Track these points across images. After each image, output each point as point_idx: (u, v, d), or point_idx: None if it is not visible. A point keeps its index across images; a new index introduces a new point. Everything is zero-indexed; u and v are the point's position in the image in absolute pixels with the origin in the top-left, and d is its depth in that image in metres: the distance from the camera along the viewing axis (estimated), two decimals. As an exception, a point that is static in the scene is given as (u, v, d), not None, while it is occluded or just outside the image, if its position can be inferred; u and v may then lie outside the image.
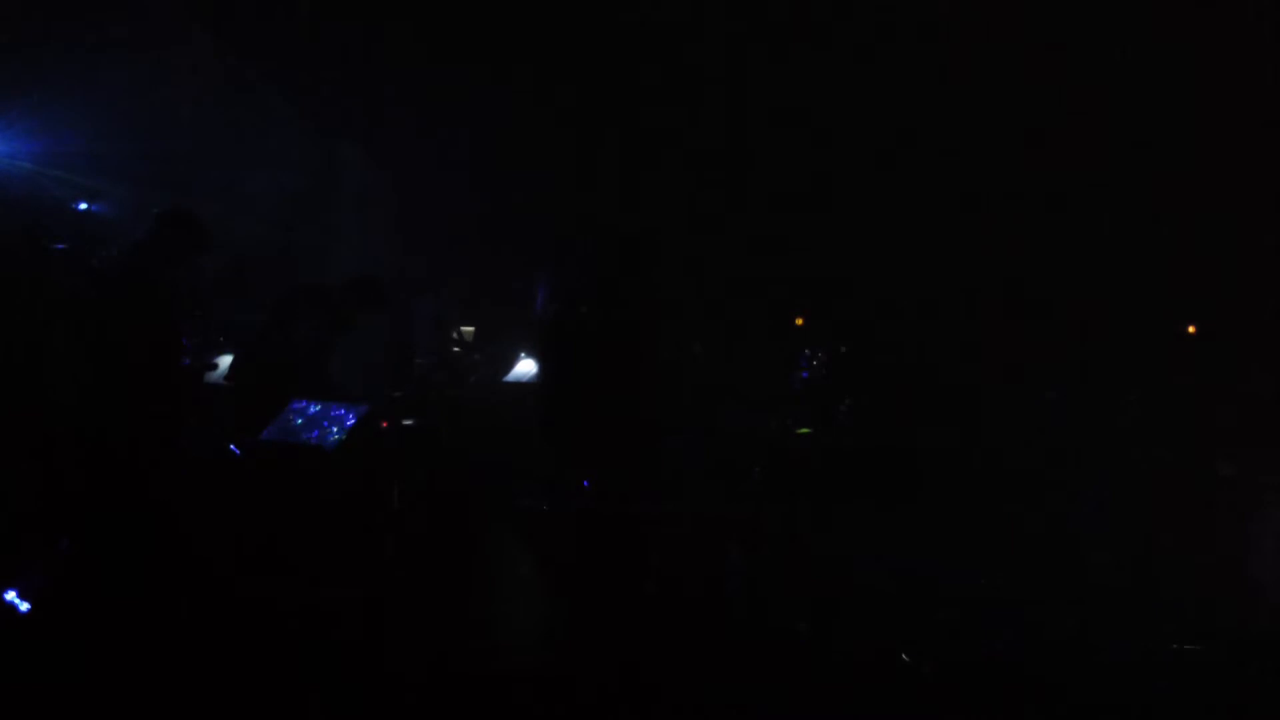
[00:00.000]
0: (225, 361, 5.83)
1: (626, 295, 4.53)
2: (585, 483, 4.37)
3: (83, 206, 5.92)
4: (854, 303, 8.44)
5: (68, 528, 4.96)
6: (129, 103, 6.80)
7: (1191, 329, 7.97)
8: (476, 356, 7.66)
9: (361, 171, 9.63)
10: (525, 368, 7.24)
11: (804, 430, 4.34)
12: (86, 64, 6.60)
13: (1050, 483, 6.94)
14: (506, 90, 7.82)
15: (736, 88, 7.90)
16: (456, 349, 7.81)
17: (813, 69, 7.49)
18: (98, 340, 4.47)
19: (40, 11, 6.55)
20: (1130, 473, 6.95)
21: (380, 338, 9.22)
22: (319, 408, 4.88)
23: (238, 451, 5.10)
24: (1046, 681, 4.33)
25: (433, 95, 7.86)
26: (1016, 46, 6.80)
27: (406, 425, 5.79)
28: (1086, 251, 8.08)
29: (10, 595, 4.74)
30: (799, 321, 8.81)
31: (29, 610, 4.71)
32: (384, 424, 5.52)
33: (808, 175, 8.56)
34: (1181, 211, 7.60)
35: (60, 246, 5.87)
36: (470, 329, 8.17)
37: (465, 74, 7.56)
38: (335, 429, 4.72)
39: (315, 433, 4.73)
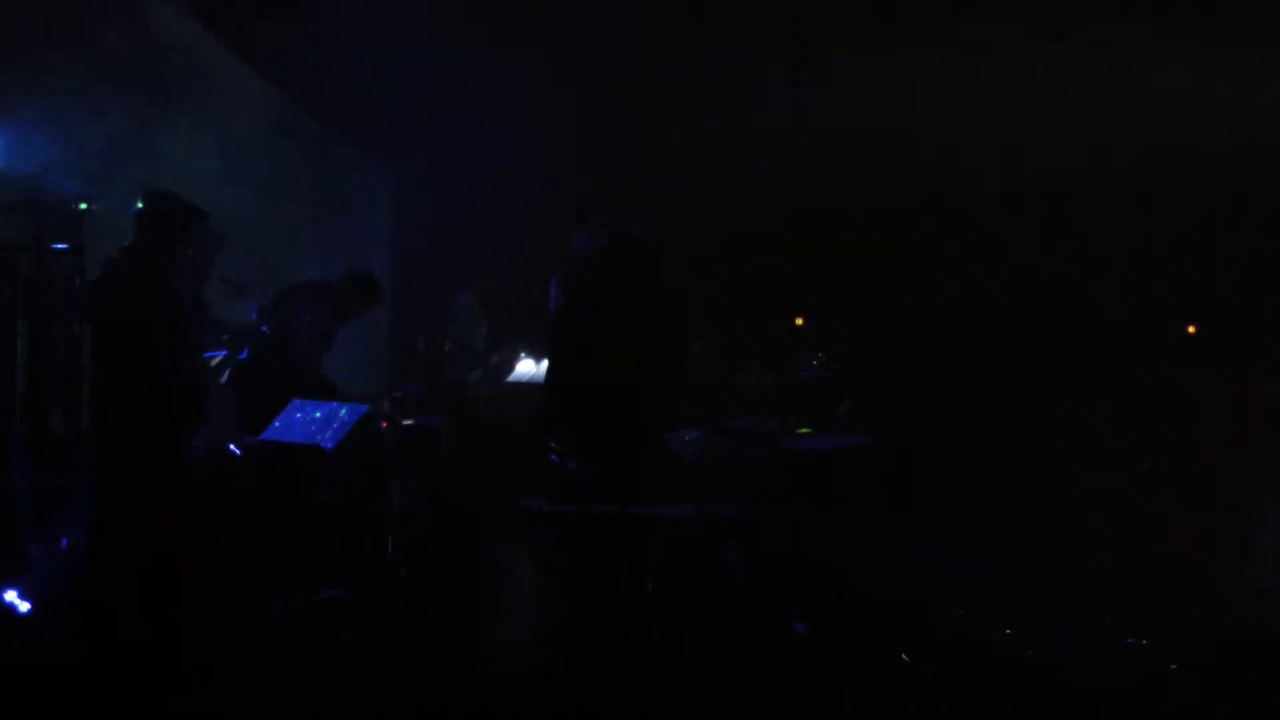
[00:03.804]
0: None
1: (630, 296, 4.53)
2: (571, 467, 4.35)
3: (83, 206, 5.90)
4: (854, 303, 8.44)
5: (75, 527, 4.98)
6: (131, 101, 6.81)
7: (1191, 329, 7.97)
8: (495, 359, 7.63)
9: (364, 170, 9.64)
10: (526, 368, 7.25)
11: (804, 430, 4.34)
12: (89, 62, 6.60)
13: (1051, 483, 6.95)
14: (507, 90, 7.82)
15: (738, 86, 7.90)
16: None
17: (812, 68, 7.49)
18: (108, 339, 4.39)
19: (42, 11, 6.55)
20: (1130, 473, 6.96)
21: (382, 338, 9.24)
22: (319, 408, 4.87)
23: (238, 452, 5.10)
24: (1047, 682, 4.33)
25: (434, 94, 7.85)
26: (1012, 43, 6.80)
27: (406, 425, 5.79)
28: (1086, 251, 8.08)
29: (10, 595, 4.75)
30: (799, 321, 8.81)
31: (29, 610, 4.72)
32: (384, 424, 5.51)
33: (808, 174, 8.56)
34: (1181, 210, 7.60)
35: (61, 246, 5.87)
36: (482, 331, 8.14)
37: (467, 71, 7.56)
38: (335, 429, 4.71)
39: (315, 433, 4.72)
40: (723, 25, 7.07)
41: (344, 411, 4.79)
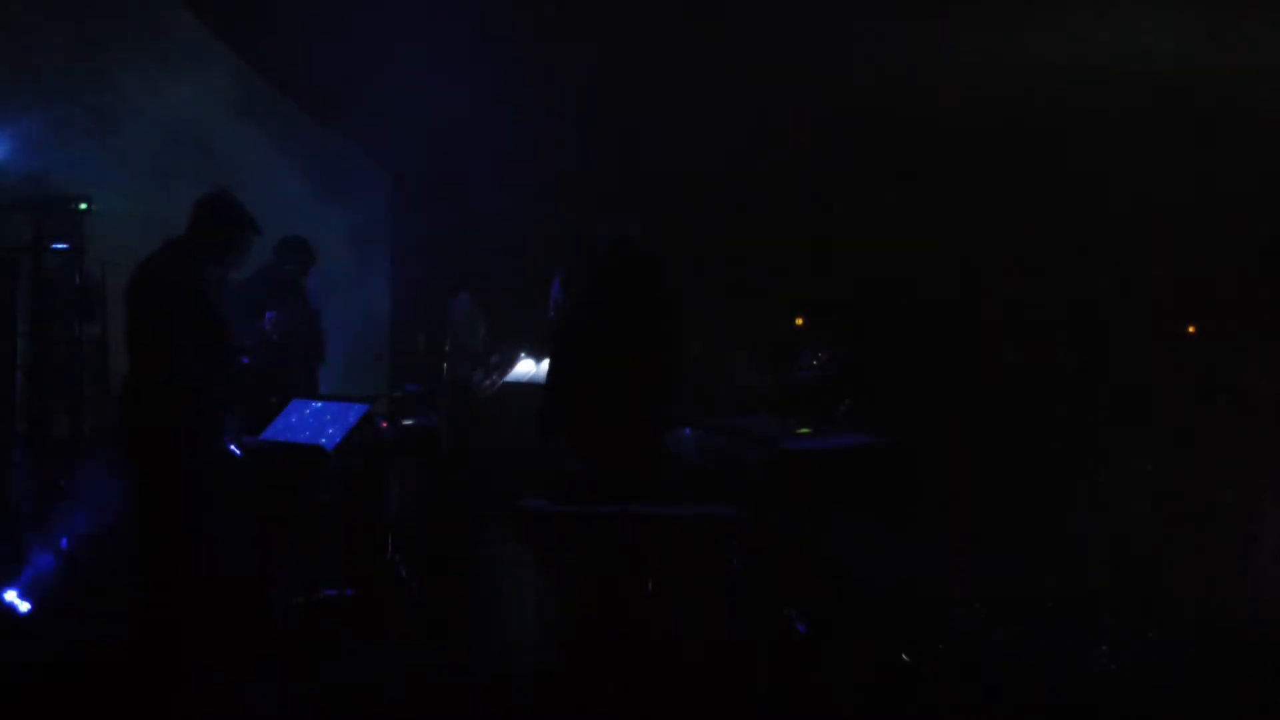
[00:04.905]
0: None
1: (631, 296, 4.53)
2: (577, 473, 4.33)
3: (83, 206, 5.90)
4: (854, 303, 8.44)
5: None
6: (130, 100, 6.81)
7: (1191, 329, 7.97)
8: (494, 359, 7.65)
9: (364, 171, 9.64)
10: (526, 368, 7.25)
11: (804, 430, 4.33)
12: (90, 64, 6.60)
13: (1051, 483, 6.95)
14: (507, 91, 7.82)
15: (737, 86, 7.90)
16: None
17: (810, 67, 7.49)
18: (141, 330, 4.32)
19: (42, 11, 6.55)
20: (1130, 473, 6.96)
21: (382, 338, 9.24)
22: (319, 408, 4.87)
23: (238, 452, 5.09)
24: (1047, 681, 4.33)
25: (435, 95, 7.85)
26: (1007, 41, 6.79)
27: (406, 425, 5.78)
28: (1086, 250, 8.07)
29: (10, 595, 4.76)
30: (799, 321, 8.81)
31: (29, 610, 4.73)
32: (384, 424, 5.51)
33: (809, 174, 8.56)
34: (1181, 209, 7.59)
35: (61, 246, 5.87)
36: (481, 332, 8.14)
37: (469, 72, 7.56)
38: (335, 429, 4.70)
39: (315, 433, 4.72)
40: (721, 22, 7.07)
41: (344, 411, 4.78)
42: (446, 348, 7.87)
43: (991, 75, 7.08)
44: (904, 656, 4.30)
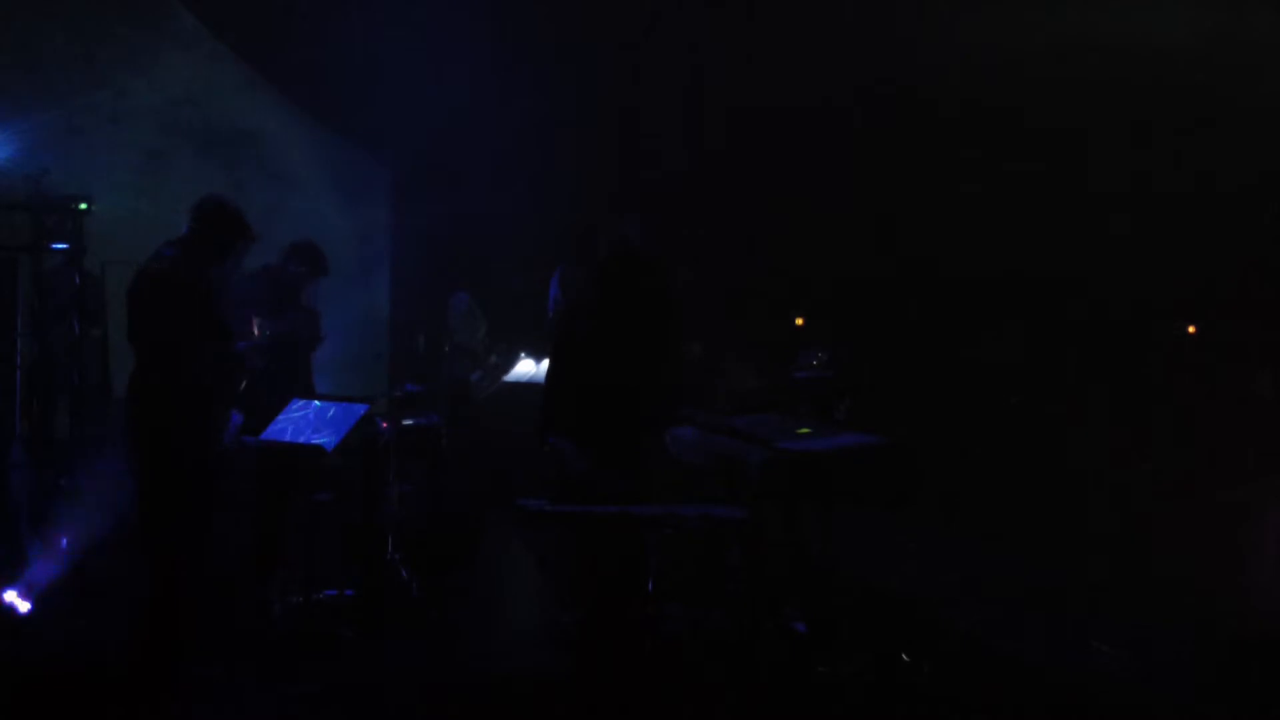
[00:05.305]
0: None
1: (631, 296, 4.53)
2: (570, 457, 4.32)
3: (83, 206, 5.91)
4: (854, 302, 8.44)
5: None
6: (129, 97, 6.83)
7: (1191, 329, 7.98)
8: (494, 359, 7.63)
9: (364, 170, 9.64)
10: (526, 368, 7.24)
11: (804, 430, 4.33)
12: (91, 64, 6.62)
13: (1051, 483, 6.95)
14: (508, 92, 7.82)
15: (736, 86, 7.90)
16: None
17: (807, 68, 7.49)
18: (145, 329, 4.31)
19: (42, 11, 6.56)
20: (1130, 473, 6.96)
21: (382, 338, 9.25)
22: (319, 408, 4.87)
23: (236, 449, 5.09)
24: (1046, 681, 4.33)
25: (436, 93, 7.85)
26: (1006, 43, 6.80)
27: (406, 425, 5.77)
28: (1088, 249, 8.08)
29: (10, 595, 4.76)
30: (799, 321, 8.81)
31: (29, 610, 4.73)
32: (384, 424, 5.51)
33: (808, 174, 8.56)
34: (1180, 209, 7.60)
35: (61, 246, 5.88)
36: (480, 332, 8.14)
37: (469, 71, 7.56)
38: (335, 429, 4.70)
39: (315, 433, 4.72)
40: (720, 20, 7.08)
41: (344, 411, 4.78)
42: (446, 348, 7.86)
43: (991, 75, 7.08)
44: (904, 656, 4.30)
